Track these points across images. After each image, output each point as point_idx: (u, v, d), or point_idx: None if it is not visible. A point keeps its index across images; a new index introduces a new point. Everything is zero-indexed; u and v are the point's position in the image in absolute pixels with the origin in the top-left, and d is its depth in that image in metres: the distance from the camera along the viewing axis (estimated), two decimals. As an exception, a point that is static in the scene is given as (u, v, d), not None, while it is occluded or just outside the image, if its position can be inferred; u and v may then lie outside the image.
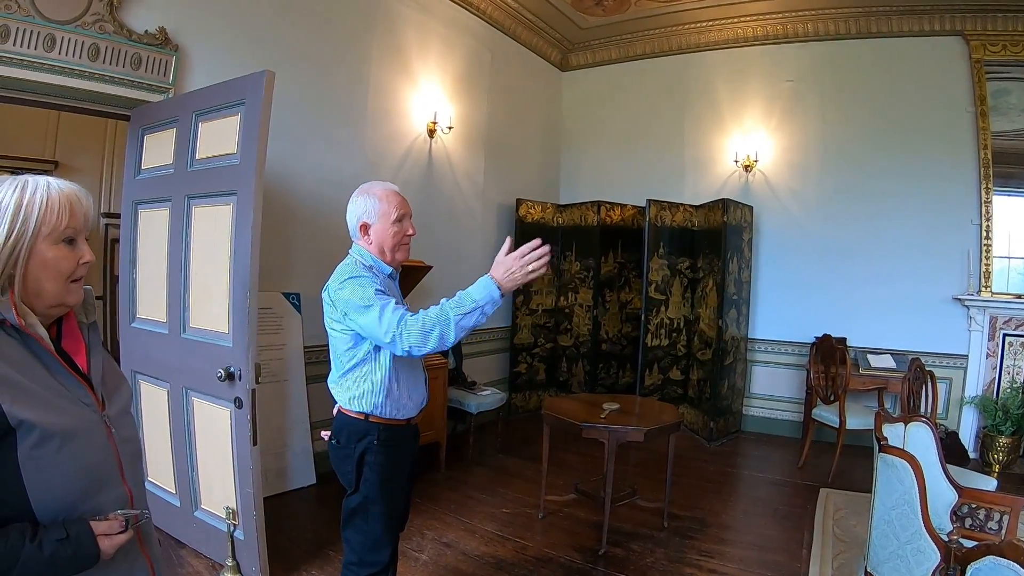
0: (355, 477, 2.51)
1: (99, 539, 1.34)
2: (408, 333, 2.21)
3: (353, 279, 2.38)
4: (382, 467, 2.50)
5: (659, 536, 4.40)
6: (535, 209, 7.68)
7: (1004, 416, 5.85)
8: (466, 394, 6.04)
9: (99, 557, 1.34)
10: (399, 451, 2.56)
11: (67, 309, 1.47)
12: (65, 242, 1.40)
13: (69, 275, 1.41)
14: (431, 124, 6.29)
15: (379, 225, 2.54)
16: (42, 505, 1.30)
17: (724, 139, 7.58)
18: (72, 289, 1.43)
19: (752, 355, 7.45)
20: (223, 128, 3.43)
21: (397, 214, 2.54)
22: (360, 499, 2.51)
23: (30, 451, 1.27)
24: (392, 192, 2.58)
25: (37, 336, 1.35)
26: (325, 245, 4.62)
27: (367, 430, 2.49)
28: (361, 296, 2.32)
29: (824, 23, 6.94)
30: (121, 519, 1.39)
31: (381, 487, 2.50)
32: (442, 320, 2.20)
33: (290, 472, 4.95)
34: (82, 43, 3.71)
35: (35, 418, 1.27)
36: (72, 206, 1.40)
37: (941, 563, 2.52)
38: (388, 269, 2.58)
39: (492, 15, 7.09)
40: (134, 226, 4.00)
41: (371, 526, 2.52)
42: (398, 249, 2.58)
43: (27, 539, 1.23)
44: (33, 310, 1.36)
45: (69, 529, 1.30)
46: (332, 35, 5.31)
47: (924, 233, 6.54)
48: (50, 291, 1.38)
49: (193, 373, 3.56)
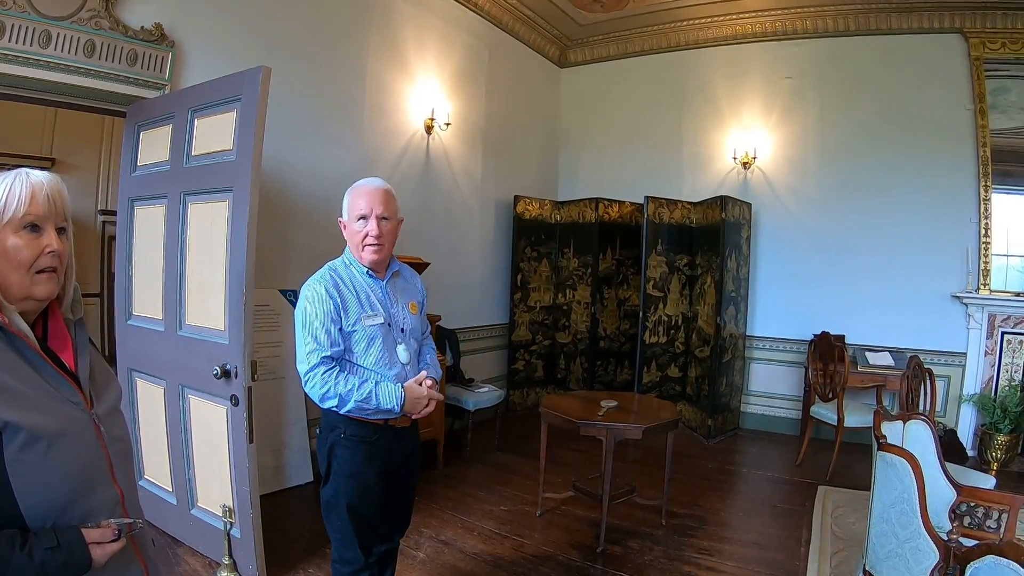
0: (326, 467, 2.57)
1: (91, 547, 1.30)
2: (311, 387, 2.44)
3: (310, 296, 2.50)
4: (348, 462, 2.54)
5: (657, 534, 4.39)
6: (533, 206, 7.67)
7: (1003, 414, 5.85)
8: (464, 391, 6.03)
9: (91, 566, 1.31)
10: (370, 449, 2.55)
11: (38, 303, 1.41)
12: (28, 230, 1.36)
13: (31, 265, 1.36)
14: (429, 120, 6.28)
15: (348, 222, 2.59)
16: (31, 509, 1.27)
17: (723, 136, 7.57)
18: (38, 280, 1.37)
19: (750, 352, 7.45)
20: (219, 124, 3.41)
21: (360, 212, 2.54)
22: (331, 491, 2.57)
23: (17, 453, 1.24)
24: (363, 191, 2.57)
25: (22, 334, 1.32)
26: (322, 242, 4.60)
27: (336, 423, 2.54)
28: (302, 323, 2.50)
29: (823, 20, 6.93)
30: (114, 527, 1.36)
31: (347, 481, 2.53)
32: (345, 398, 2.40)
33: (287, 470, 4.94)
34: (78, 39, 3.68)
35: (21, 419, 1.24)
36: (34, 192, 1.36)
37: (940, 562, 2.51)
38: (362, 268, 2.59)
39: (490, 11, 7.07)
40: (130, 223, 3.99)
41: (342, 522, 2.56)
42: (362, 248, 2.55)
43: (16, 547, 1.20)
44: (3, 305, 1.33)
45: (60, 537, 1.27)
46: (329, 31, 5.29)
47: (923, 231, 6.54)
48: (14, 282, 1.34)
49: (189, 371, 3.55)
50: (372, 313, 2.53)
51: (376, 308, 2.56)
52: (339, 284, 2.51)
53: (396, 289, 2.70)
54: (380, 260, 2.59)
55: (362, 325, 2.50)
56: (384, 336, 2.55)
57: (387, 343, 2.56)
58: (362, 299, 2.53)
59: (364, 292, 2.55)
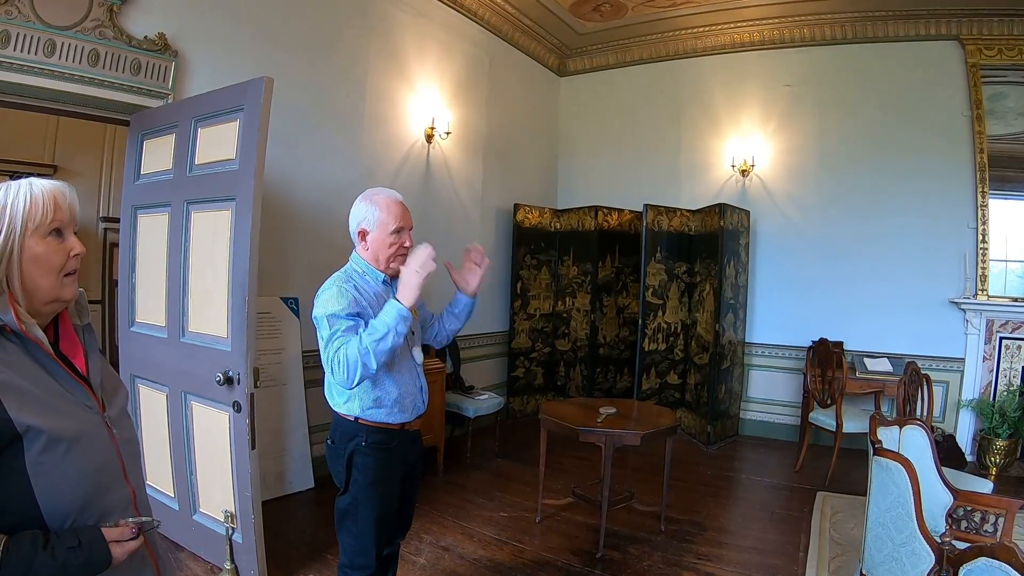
0: (345, 477, 2.57)
1: (111, 546, 1.35)
2: (340, 370, 2.33)
3: (329, 296, 2.44)
4: (370, 469, 2.54)
5: (656, 539, 4.41)
6: (533, 214, 7.70)
7: (1001, 419, 5.86)
8: (464, 398, 6.05)
9: (110, 563, 1.35)
10: (389, 455, 2.58)
11: (63, 305, 1.48)
12: (53, 235, 1.40)
13: (61, 268, 1.41)
14: (429, 129, 6.31)
15: (376, 234, 2.57)
16: (51, 510, 1.31)
17: (721, 144, 7.60)
18: (66, 283, 1.44)
19: (749, 359, 7.47)
20: (222, 134, 3.44)
21: (396, 225, 2.56)
22: (350, 500, 2.56)
23: (37, 456, 1.28)
24: (394, 202, 2.59)
25: (37, 340, 1.36)
26: (323, 250, 4.63)
27: (356, 432, 2.54)
28: (323, 315, 2.41)
29: (821, 28, 6.97)
30: (132, 526, 1.40)
31: (368, 489, 2.54)
32: (362, 351, 2.31)
33: (288, 476, 4.96)
34: (82, 48, 3.72)
35: (41, 423, 1.28)
36: (56, 199, 1.41)
37: (935, 565, 2.53)
38: (381, 276, 2.61)
39: (490, 21, 7.12)
40: (133, 231, 4.01)
41: (360, 529, 2.56)
42: (394, 259, 2.58)
43: (40, 547, 1.24)
44: (30, 308, 1.37)
45: (81, 536, 1.31)
46: (331, 40, 5.33)
47: (921, 237, 6.57)
48: (44, 286, 1.39)
49: (192, 377, 3.57)
50: None
51: None
52: (358, 287, 2.52)
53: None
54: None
55: None
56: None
57: (403, 347, 2.56)
58: (375, 307, 2.52)
59: (380, 299, 2.55)
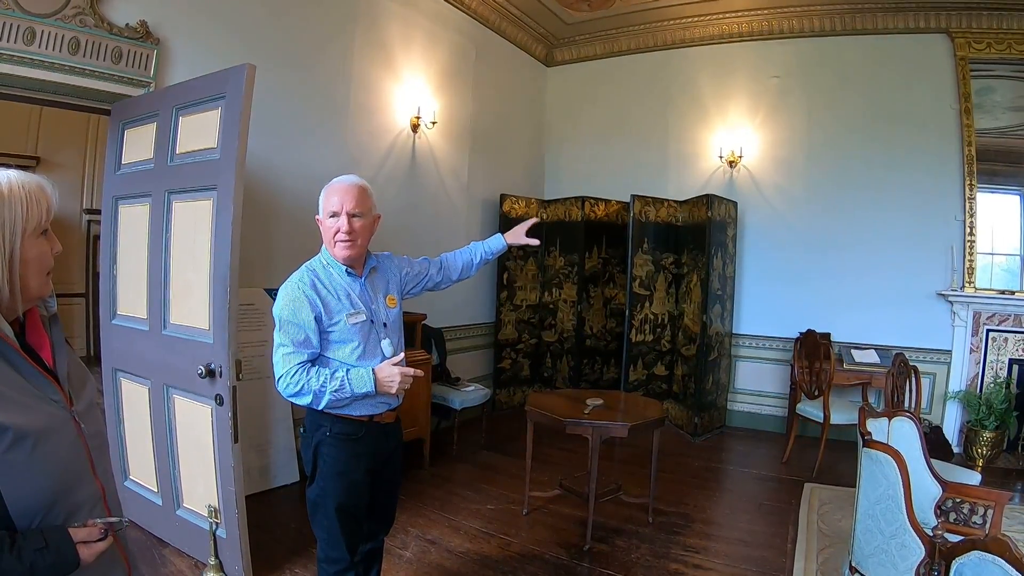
0: (312, 466, 2.57)
1: (79, 547, 1.32)
2: (284, 386, 2.42)
3: (286, 300, 2.49)
4: (335, 460, 2.53)
5: (644, 532, 4.40)
6: (519, 204, 7.66)
7: (988, 411, 5.90)
8: (450, 390, 6.02)
9: (78, 565, 1.32)
10: (356, 446, 2.56)
11: (40, 301, 1.46)
12: (43, 235, 1.39)
13: (50, 268, 1.40)
14: (415, 119, 6.25)
15: (322, 219, 2.59)
16: (18, 507, 1.28)
17: (709, 135, 7.59)
18: (47, 281, 1.42)
19: (736, 350, 7.48)
20: (203, 122, 3.39)
21: (331, 210, 2.53)
22: (318, 490, 2.56)
23: (3, 455, 1.24)
24: (336, 188, 2.56)
25: (4, 336, 1.32)
26: (307, 241, 4.54)
27: (322, 422, 2.53)
28: (279, 324, 2.48)
29: (810, 19, 6.96)
30: (100, 526, 1.37)
31: (335, 480, 2.53)
32: (319, 393, 2.38)
33: (273, 470, 4.91)
34: (62, 36, 3.64)
35: (6, 420, 1.25)
36: (48, 198, 1.38)
37: (925, 558, 2.52)
38: (341, 267, 2.58)
39: (477, 9, 7.06)
40: (114, 222, 3.95)
41: (329, 521, 2.56)
42: (335, 244, 2.54)
43: (5, 549, 1.21)
44: (11, 307, 1.34)
45: (48, 538, 1.28)
46: (314, 29, 5.26)
47: (908, 229, 6.58)
48: (33, 287, 1.37)
49: (174, 370, 3.52)
50: (355, 311, 2.53)
51: (358, 306, 2.55)
52: (317, 285, 2.50)
53: (374, 285, 2.70)
54: (354, 256, 2.57)
55: (346, 324, 2.49)
56: (368, 333, 2.56)
57: (371, 340, 2.56)
58: (342, 298, 2.52)
59: (344, 291, 2.54)
